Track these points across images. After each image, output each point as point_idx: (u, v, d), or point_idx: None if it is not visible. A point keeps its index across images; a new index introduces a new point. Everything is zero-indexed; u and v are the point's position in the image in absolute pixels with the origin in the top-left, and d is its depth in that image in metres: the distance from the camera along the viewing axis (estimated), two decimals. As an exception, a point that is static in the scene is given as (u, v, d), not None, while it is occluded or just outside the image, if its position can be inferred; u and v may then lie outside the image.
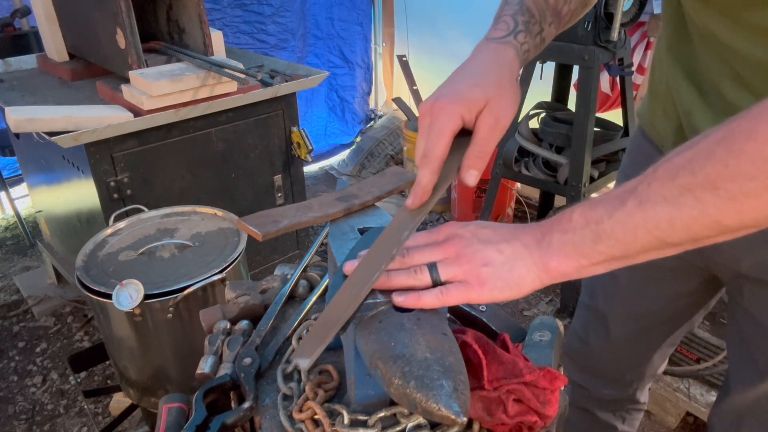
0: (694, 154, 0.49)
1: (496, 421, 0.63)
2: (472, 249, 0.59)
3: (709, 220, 0.48)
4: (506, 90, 0.68)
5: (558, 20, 0.80)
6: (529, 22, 0.75)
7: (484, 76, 0.69)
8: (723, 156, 0.47)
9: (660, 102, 0.94)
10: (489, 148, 0.66)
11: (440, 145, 0.65)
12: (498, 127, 0.66)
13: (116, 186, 1.79)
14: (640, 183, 0.52)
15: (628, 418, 1.36)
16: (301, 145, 2.15)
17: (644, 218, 0.51)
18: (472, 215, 3.05)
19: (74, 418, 2.03)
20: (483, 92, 0.66)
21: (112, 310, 1.31)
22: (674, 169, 0.50)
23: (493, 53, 0.73)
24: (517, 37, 0.74)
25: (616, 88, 2.51)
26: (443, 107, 0.66)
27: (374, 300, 0.60)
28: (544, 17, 0.77)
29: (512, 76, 0.71)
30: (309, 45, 3.59)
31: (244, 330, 0.85)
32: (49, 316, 2.51)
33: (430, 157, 0.65)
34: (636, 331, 1.17)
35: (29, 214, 3.19)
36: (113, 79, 1.98)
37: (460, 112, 0.65)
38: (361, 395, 0.66)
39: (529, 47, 0.75)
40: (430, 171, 0.65)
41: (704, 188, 0.47)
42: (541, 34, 0.76)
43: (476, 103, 0.66)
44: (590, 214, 0.54)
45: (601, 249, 0.54)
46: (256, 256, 2.26)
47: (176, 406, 0.77)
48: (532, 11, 0.77)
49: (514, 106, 0.69)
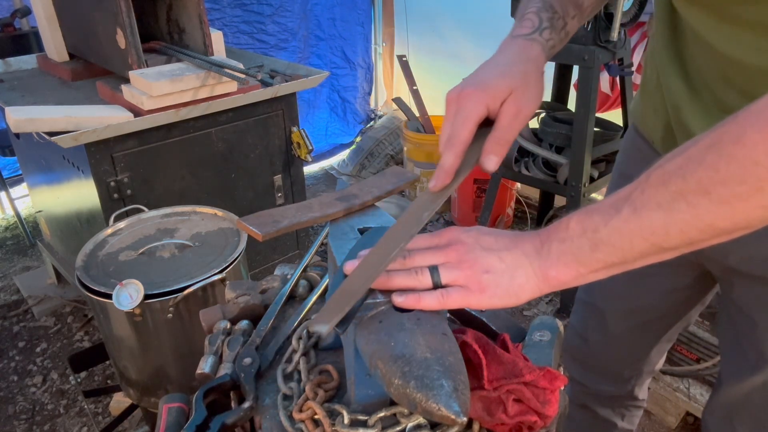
0: (685, 160, 0.50)
1: (496, 421, 0.63)
2: (473, 255, 0.59)
3: (703, 224, 0.49)
4: (531, 82, 0.70)
5: (581, 12, 0.82)
6: (553, 18, 0.78)
7: (510, 68, 0.71)
8: (713, 161, 0.48)
9: (650, 98, 0.95)
10: (509, 135, 0.67)
11: (465, 130, 0.66)
12: (520, 116, 0.68)
13: (116, 186, 1.79)
14: (634, 190, 0.53)
15: (628, 415, 1.36)
16: (301, 145, 2.15)
17: (639, 225, 0.52)
18: (472, 215, 3.05)
19: (74, 418, 2.03)
20: (508, 82, 0.68)
21: (112, 310, 1.31)
22: (666, 176, 0.51)
23: (519, 48, 0.75)
24: (542, 34, 0.76)
25: (616, 88, 2.51)
26: (469, 95, 0.68)
27: (374, 300, 0.60)
28: (567, 11, 0.79)
29: (538, 71, 0.73)
30: (311, 46, 3.59)
31: (244, 330, 0.85)
32: (49, 316, 2.51)
33: (454, 142, 0.66)
34: (633, 326, 1.17)
35: (29, 214, 3.19)
36: (113, 79, 1.98)
37: (485, 100, 0.67)
38: (361, 395, 0.66)
39: (554, 43, 0.77)
40: (454, 155, 0.66)
41: (696, 193, 0.48)
42: (565, 28, 0.79)
43: (501, 93, 0.68)
44: (586, 222, 0.55)
45: (598, 257, 0.54)
46: (256, 256, 2.26)
47: (176, 406, 0.77)
48: (555, 7, 0.79)
49: (537, 99, 0.71)
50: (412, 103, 3.33)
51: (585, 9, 0.83)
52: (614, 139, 2.38)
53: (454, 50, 3.45)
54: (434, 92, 3.48)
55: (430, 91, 3.34)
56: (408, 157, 3.39)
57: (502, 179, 2.55)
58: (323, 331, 0.54)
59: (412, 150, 3.32)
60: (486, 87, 0.68)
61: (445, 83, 3.62)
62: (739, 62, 0.72)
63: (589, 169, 2.23)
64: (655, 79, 0.93)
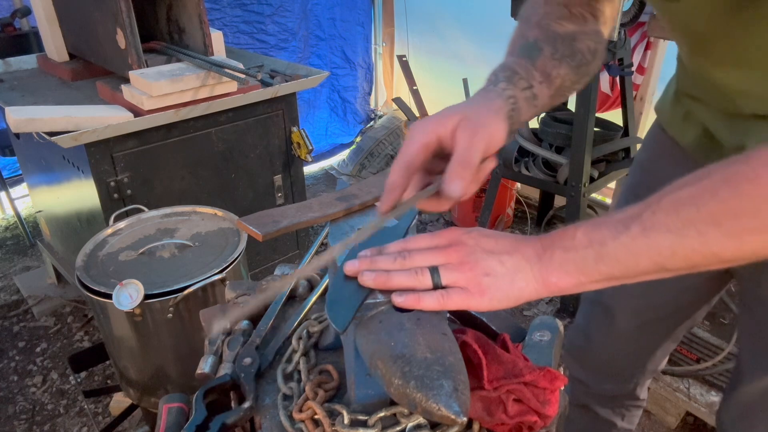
0: (699, 190, 0.52)
1: (496, 421, 0.64)
2: (474, 257, 0.59)
3: (709, 252, 0.52)
4: (482, 112, 0.67)
5: (548, 81, 0.77)
6: (512, 77, 0.74)
7: (464, 104, 0.69)
8: (727, 196, 0.51)
9: (681, 105, 0.96)
10: (471, 157, 0.63)
11: (409, 150, 0.65)
12: (477, 136, 0.64)
13: (116, 186, 1.79)
14: (645, 210, 0.55)
15: (628, 415, 1.36)
16: (301, 145, 2.15)
17: (647, 244, 0.54)
18: (471, 215, 3.05)
19: (74, 418, 2.03)
20: (457, 111, 0.66)
21: (112, 310, 1.31)
22: (679, 203, 0.53)
23: (478, 95, 0.73)
24: (497, 85, 0.73)
25: (616, 88, 2.51)
26: (417, 125, 0.66)
27: (374, 300, 0.60)
28: (532, 75, 0.76)
29: (491, 107, 0.69)
30: (311, 46, 3.59)
31: (244, 330, 0.85)
32: (49, 316, 2.52)
33: (396, 161, 0.65)
34: (640, 324, 1.18)
35: (29, 214, 3.20)
36: (113, 79, 1.98)
37: (432, 127, 0.65)
38: (361, 395, 0.66)
39: (513, 94, 0.72)
40: (395, 173, 0.65)
41: (707, 223, 0.51)
42: (531, 89, 0.75)
43: (451, 120, 0.65)
44: (594, 234, 0.57)
45: (602, 269, 0.56)
46: (256, 256, 2.26)
47: (176, 406, 0.77)
48: (515, 69, 0.75)
49: (494, 127, 0.66)
50: (412, 103, 3.33)
51: (554, 80, 0.78)
52: (614, 139, 2.38)
53: (454, 50, 3.45)
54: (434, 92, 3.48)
55: (430, 91, 3.34)
56: (408, 157, 3.38)
57: (502, 179, 2.55)
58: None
59: (412, 150, 3.31)
60: (435, 117, 0.66)
61: (445, 83, 3.65)
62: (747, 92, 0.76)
63: (589, 169, 2.23)
64: (688, 87, 0.94)
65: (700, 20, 0.76)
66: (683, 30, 0.83)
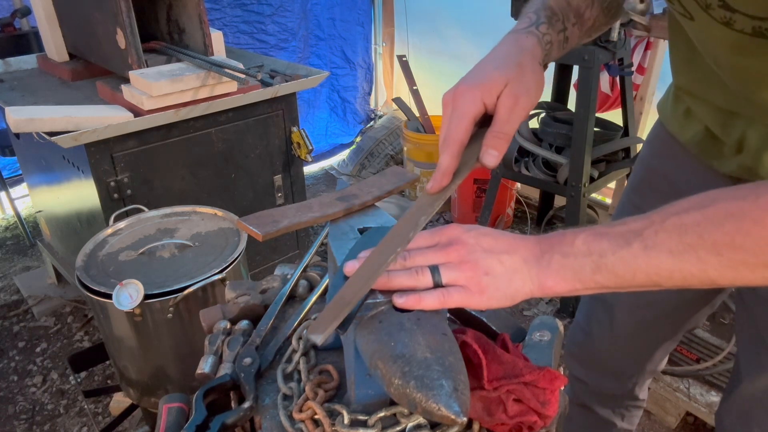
0: (704, 218, 0.53)
1: (496, 421, 0.64)
2: (474, 257, 0.60)
3: (705, 277, 0.54)
4: (527, 72, 0.70)
5: (581, 22, 0.82)
6: (551, 18, 0.77)
7: (504, 61, 0.70)
8: (731, 230, 0.52)
9: (681, 103, 0.96)
10: (509, 128, 0.67)
11: (460, 129, 0.66)
12: (518, 107, 0.67)
13: (116, 186, 1.79)
14: (647, 228, 0.55)
15: (627, 416, 1.36)
16: (301, 145, 2.15)
17: (647, 263, 0.55)
18: (471, 215, 3.05)
19: (74, 418, 2.03)
20: (502, 75, 0.68)
21: (112, 310, 1.31)
22: (683, 228, 0.54)
23: (514, 41, 0.75)
24: (539, 27, 0.76)
25: (616, 88, 2.51)
26: (463, 92, 0.67)
27: (374, 300, 0.60)
28: (567, 17, 0.79)
29: (533, 61, 0.72)
30: (311, 46, 3.59)
31: (244, 330, 0.85)
32: (49, 316, 2.52)
33: (450, 142, 0.66)
34: (641, 322, 1.18)
35: (29, 214, 3.20)
36: (113, 79, 1.98)
37: (480, 96, 0.66)
38: (361, 395, 0.66)
39: (551, 39, 0.76)
40: (450, 155, 0.66)
41: (709, 252, 0.52)
42: (564, 32, 0.78)
43: (496, 86, 0.67)
44: (593, 244, 0.57)
45: (598, 279, 0.57)
46: (256, 256, 2.26)
47: (176, 406, 0.77)
48: (554, 9, 0.79)
49: (535, 89, 0.70)
50: (412, 103, 3.34)
51: (586, 20, 0.82)
52: (614, 139, 2.38)
53: (454, 50, 3.45)
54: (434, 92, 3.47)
55: (430, 91, 3.34)
56: (408, 157, 3.39)
57: (502, 179, 2.55)
58: (317, 342, 0.55)
59: (412, 150, 3.32)
60: (480, 83, 0.67)
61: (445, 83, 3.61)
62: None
63: (589, 169, 2.23)
64: (692, 87, 0.94)
65: (711, 39, 0.76)
66: (700, 45, 0.83)
